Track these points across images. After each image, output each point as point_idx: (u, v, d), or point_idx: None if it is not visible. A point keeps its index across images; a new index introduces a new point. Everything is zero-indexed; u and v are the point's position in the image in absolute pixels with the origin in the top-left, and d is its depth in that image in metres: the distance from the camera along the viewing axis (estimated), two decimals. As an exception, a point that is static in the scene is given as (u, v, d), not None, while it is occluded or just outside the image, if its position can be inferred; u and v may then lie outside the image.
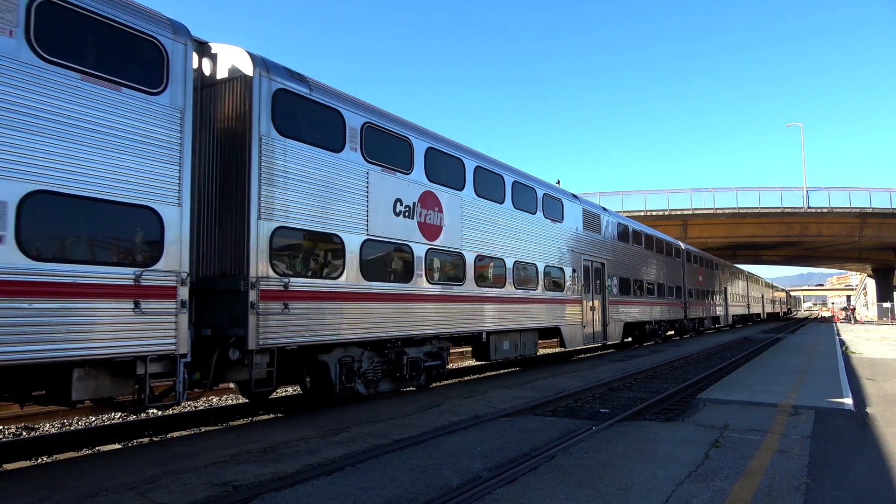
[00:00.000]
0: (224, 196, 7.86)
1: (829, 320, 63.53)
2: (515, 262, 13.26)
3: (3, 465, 6.60)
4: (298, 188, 8.15)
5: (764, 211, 46.39)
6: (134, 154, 6.18)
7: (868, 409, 8.72)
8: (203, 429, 8.78)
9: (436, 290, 10.74)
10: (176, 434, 8.31)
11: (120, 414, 9.65)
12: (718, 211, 46.39)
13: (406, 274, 10.10)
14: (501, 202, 12.95)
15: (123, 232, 6.19)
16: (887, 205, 45.51)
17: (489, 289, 12.23)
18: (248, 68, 7.83)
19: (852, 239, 49.47)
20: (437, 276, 10.89)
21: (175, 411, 9.20)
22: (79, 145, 5.77)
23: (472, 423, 7.58)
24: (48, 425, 9.14)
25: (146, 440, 8.01)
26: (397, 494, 4.78)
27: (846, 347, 20.77)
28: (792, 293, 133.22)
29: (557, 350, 20.22)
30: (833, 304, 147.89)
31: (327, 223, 8.58)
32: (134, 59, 6.37)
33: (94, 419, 9.73)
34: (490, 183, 12.63)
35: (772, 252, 66.64)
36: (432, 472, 5.38)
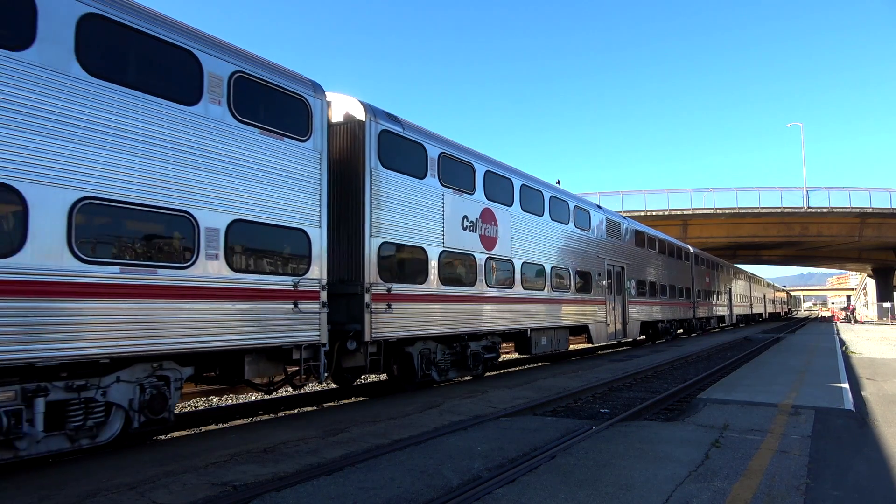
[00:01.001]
0: (341, 217, 9.64)
1: (829, 320, 63.53)
2: (552, 267, 15.08)
3: (3, 466, 6.59)
4: (396, 209, 10.03)
5: (764, 211, 46.40)
6: (292, 189, 8.01)
7: (868, 409, 8.73)
8: (203, 429, 8.79)
9: (493, 292, 12.61)
10: (176, 434, 8.31)
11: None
12: (718, 211, 46.40)
13: (471, 279, 11.98)
14: (541, 215, 14.85)
15: (286, 249, 7.99)
16: (887, 205, 45.52)
17: (532, 291, 14.08)
18: (360, 114, 9.75)
19: (852, 239, 49.48)
20: (493, 280, 12.69)
21: (176, 411, 9.19)
22: (260, 184, 7.60)
23: (472, 423, 7.59)
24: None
25: (146, 440, 8.01)
26: (397, 494, 4.78)
27: (846, 347, 20.77)
28: (792, 293, 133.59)
29: (585, 346, 21.86)
30: (833, 304, 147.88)
31: (416, 238, 10.51)
32: (290, 115, 8.20)
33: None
34: (532, 198, 14.52)
35: (772, 252, 66.65)
36: (432, 472, 5.38)
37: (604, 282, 18.15)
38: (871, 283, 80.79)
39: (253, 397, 11.86)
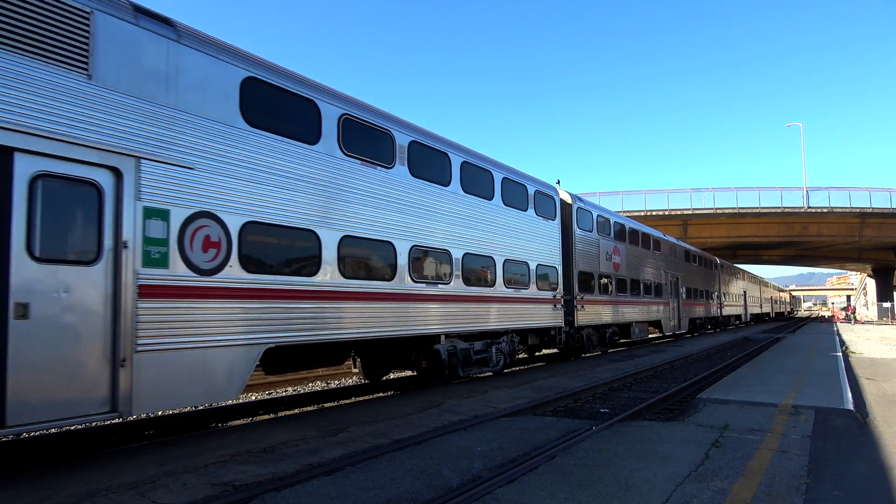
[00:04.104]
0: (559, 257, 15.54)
1: (829, 320, 63.50)
2: (643, 281, 22.18)
3: (3, 465, 6.59)
4: (583, 252, 17.07)
5: (764, 211, 46.38)
6: (551, 244, 14.96)
7: (868, 409, 8.73)
8: (203, 429, 8.79)
9: (625, 297, 20.19)
10: (176, 434, 8.31)
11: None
12: (718, 211, 46.38)
13: (618, 289, 19.55)
14: (637, 245, 21.90)
15: (550, 276, 14.73)
16: (887, 205, 45.49)
17: (633, 296, 21.05)
18: (569, 199, 16.64)
19: (852, 239, 49.45)
20: (626, 289, 20.37)
21: (179, 412, 9.21)
22: (542, 242, 14.51)
23: (472, 423, 7.58)
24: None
25: (146, 440, 8.01)
26: (397, 494, 4.78)
27: (846, 347, 20.77)
28: (793, 293, 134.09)
29: (633, 341, 25.32)
30: (833, 303, 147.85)
31: (591, 267, 17.60)
32: (546, 205, 14.86)
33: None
34: (636, 236, 21.88)
35: (772, 252, 66.61)
36: (432, 472, 5.38)
37: (668, 289, 25.24)
38: (871, 283, 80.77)
39: (253, 397, 11.86)
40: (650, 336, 27.05)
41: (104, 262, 5.92)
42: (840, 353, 17.82)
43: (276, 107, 7.93)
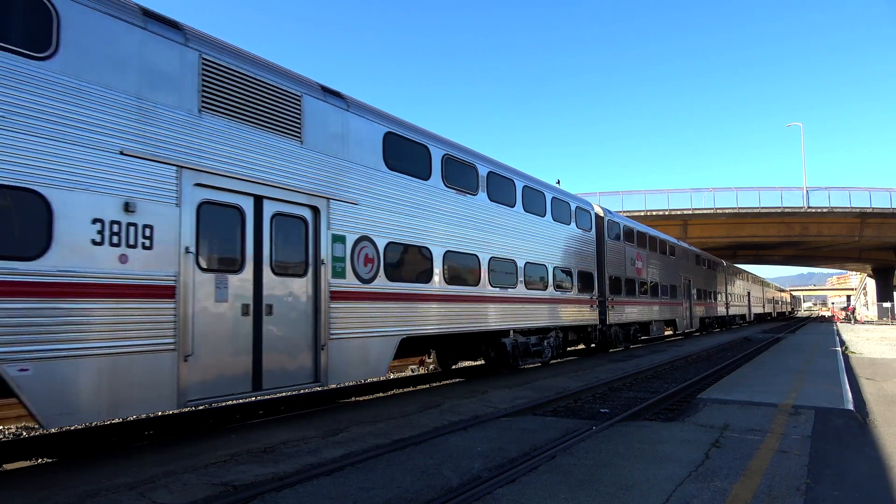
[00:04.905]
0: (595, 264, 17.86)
1: (829, 320, 63.48)
2: (661, 282, 24.39)
3: (3, 466, 6.60)
4: (613, 258, 19.22)
5: (764, 211, 46.35)
6: (589, 252, 17.25)
7: (868, 409, 8.73)
8: (203, 429, 8.78)
9: (648, 299, 22.67)
10: (176, 434, 8.30)
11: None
12: (718, 211, 46.35)
13: (640, 291, 21.86)
14: (655, 251, 24.23)
15: (588, 281, 16.88)
16: (887, 205, 45.44)
17: (654, 297, 23.49)
18: (601, 213, 18.66)
19: (852, 239, 49.42)
20: (649, 292, 22.87)
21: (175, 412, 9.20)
22: (579, 252, 16.67)
23: (472, 423, 7.58)
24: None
25: (146, 440, 8.01)
26: (397, 494, 4.78)
27: (846, 347, 20.76)
28: (793, 293, 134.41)
29: (652, 337, 27.55)
30: (833, 303, 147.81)
31: (619, 271, 19.64)
32: (585, 220, 17.09)
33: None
34: (654, 243, 24.37)
35: (772, 252, 66.60)
36: (432, 472, 5.38)
37: (682, 290, 27.65)
38: (871, 283, 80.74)
39: (252, 398, 11.86)
40: (665, 333, 28.82)
41: (310, 275, 8.22)
42: (840, 353, 17.81)
43: (404, 153, 10.28)
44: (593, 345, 18.76)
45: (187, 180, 6.70)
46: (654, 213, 45.72)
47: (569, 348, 19.14)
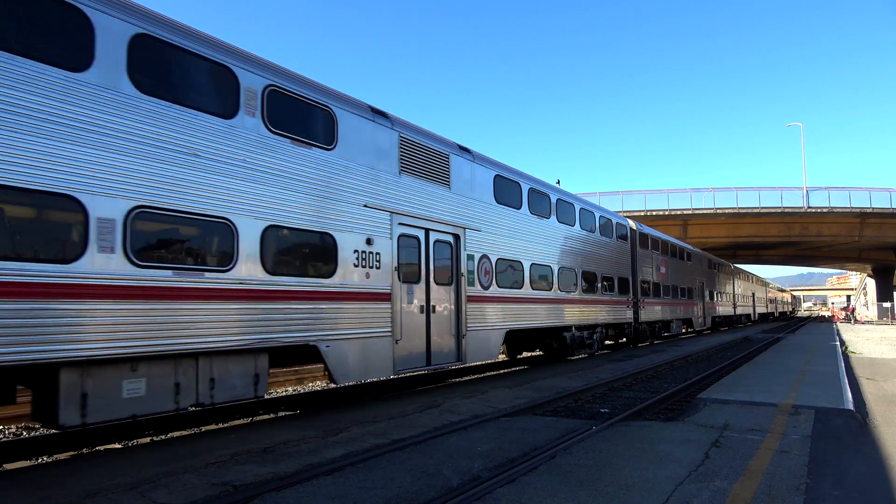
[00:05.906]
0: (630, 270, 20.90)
1: (829, 320, 63.47)
2: (680, 285, 27.25)
3: (3, 465, 6.60)
4: (646, 266, 22.28)
5: (764, 211, 46.36)
6: (626, 260, 20.49)
7: (868, 409, 8.73)
8: (203, 429, 8.78)
9: (669, 299, 25.27)
10: (176, 434, 8.30)
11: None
12: (718, 211, 46.35)
13: (663, 292, 24.56)
14: (674, 256, 26.81)
15: (625, 285, 20.16)
16: (887, 205, 45.45)
17: (675, 298, 26.35)
18: (633, 226, 21.58)
19: (852, 239, 49.44)
20: (669, 293, 25.41)
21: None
22: (615, 259, 19.60)
23: (472, 423, 7.58)
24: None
25: (146, 440, 8.01)
26: (397, 494, 4.78)
27: (846, 347, 20.76)
28: (793, 293, 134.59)
29: (672, 334, 30.57)
30: (833, 303, 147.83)
31: (649, 276, 22.75)
32: (625, 233, 20.81)
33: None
34: (674, 250, 26.99)
35: (772, 252, 66.60)
36: (432, 472, 5.38)
37: (697, 292, 30.68)
38: (871, 283, 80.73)
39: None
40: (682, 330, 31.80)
41: (454, 284, 11.29)
42: (840, 353, 17.81)
43: (506, 189, 13.23)
44: (623, 339, 21.57)
45: (394, 221, 9.80)
46: (654, 213, 45.73)
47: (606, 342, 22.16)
